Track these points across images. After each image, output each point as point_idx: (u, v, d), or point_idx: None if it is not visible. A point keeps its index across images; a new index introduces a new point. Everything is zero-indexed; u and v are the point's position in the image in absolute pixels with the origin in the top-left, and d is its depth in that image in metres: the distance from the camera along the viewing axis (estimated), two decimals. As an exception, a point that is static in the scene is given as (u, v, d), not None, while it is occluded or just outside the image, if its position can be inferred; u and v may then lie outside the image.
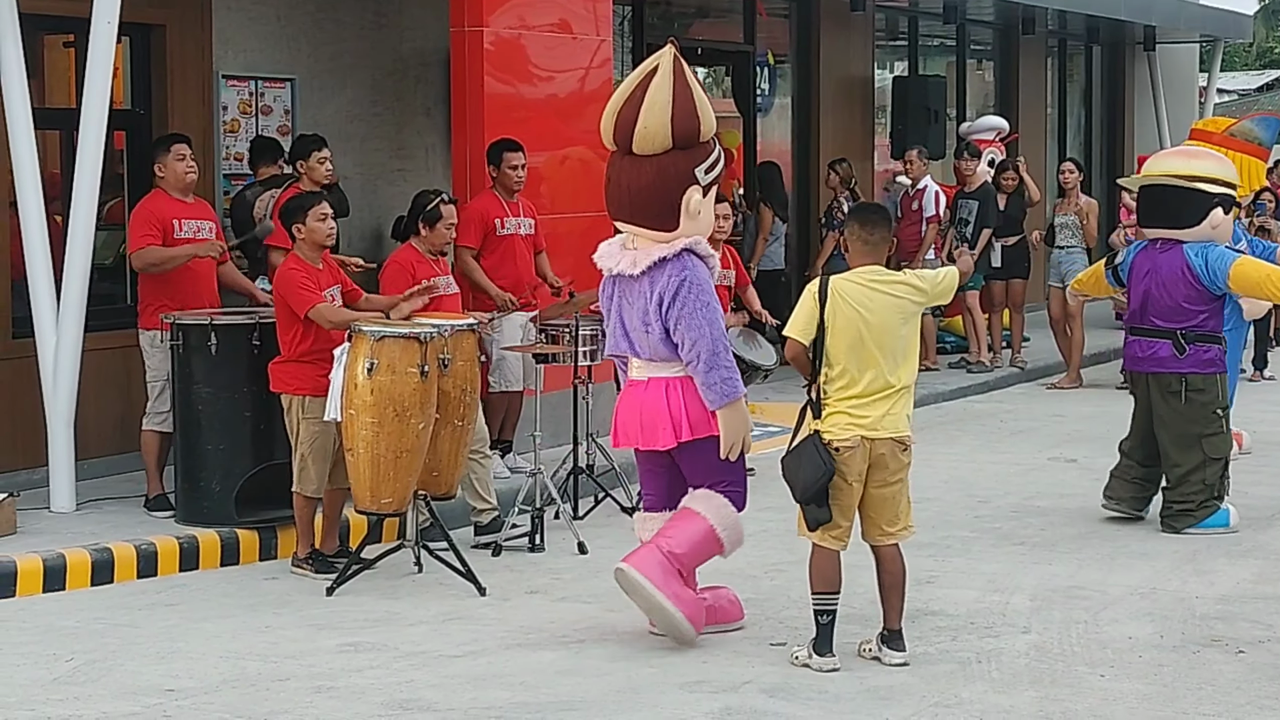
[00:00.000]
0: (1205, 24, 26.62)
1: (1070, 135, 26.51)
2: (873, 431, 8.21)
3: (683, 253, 8.69)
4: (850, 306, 8.23)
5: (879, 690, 7.93)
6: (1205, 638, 8.79)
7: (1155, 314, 11.38)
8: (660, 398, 8.74)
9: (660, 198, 8.74)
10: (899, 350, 8.25)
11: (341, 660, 8.42)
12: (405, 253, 10.96)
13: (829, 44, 19.93)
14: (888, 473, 8.27)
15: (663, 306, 8.62)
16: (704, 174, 8.80)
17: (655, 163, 8.76)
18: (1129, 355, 11.64)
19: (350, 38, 13.71)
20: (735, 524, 8.87)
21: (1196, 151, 12.09)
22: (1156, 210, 11.59)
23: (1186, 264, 11.27)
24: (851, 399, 8.24)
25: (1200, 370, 11.27)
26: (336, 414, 9.62)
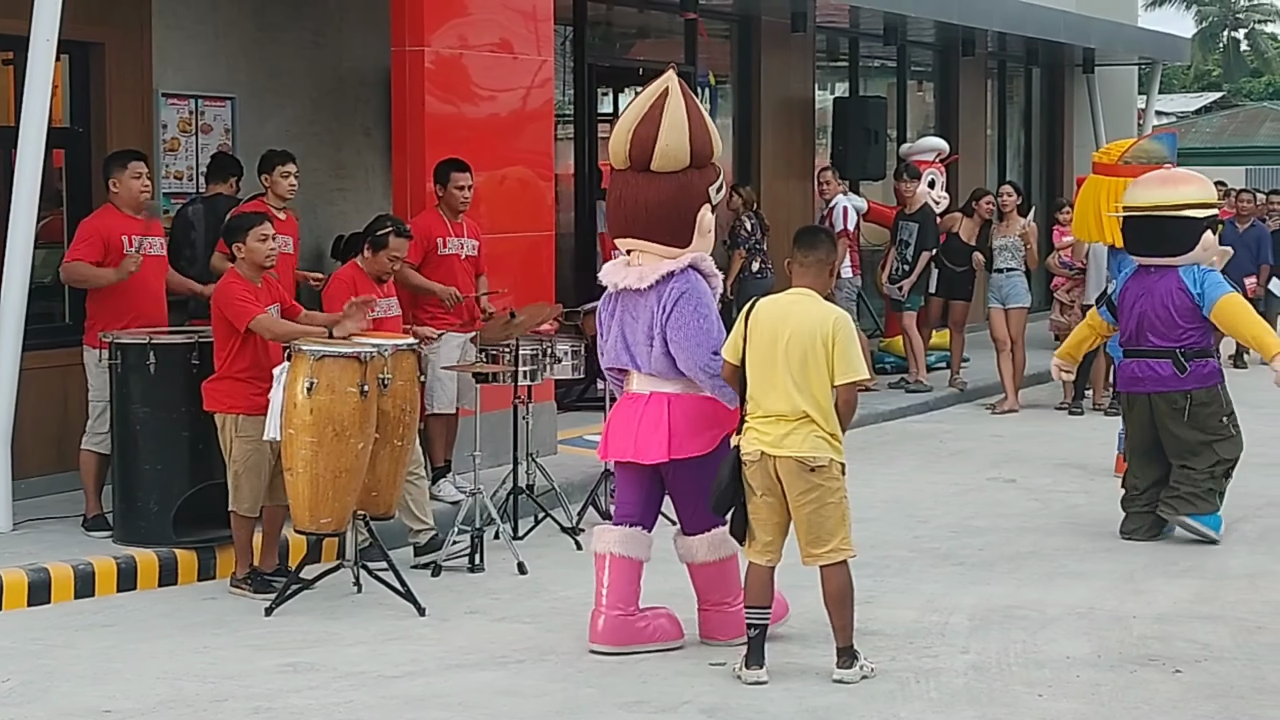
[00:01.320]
0: (1143, 47, 26.79)
1: (1010, 156, 26.63)
2: (774, 449, 8.30)
3: (688, 269, 8.86)
4: (766, 326, 8.37)
5: (817, 710, 7.95)
6: (1142, 657, 8.83)
7: (1153, 334, 11.58)
8: (661, 413, 8.86)
9: (678, 214, 8.92)
10: (807, 376, 8.27)
11: (280, 681, 8.39)
12: (349, 271, 10.95)
13: (770, 65, 19.98)
14: (795, 493, 8.32)
15: (662, 320, 8.77)
16: (715, 192, 9.04)
17: (675, 180, 8.93)
18: (1127, 376, 11.78)
19: (290, 56, 13.68)
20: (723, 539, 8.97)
21: (1175, 176, 12.20)
22: (1148, 240, 11.81)
23: (1181, 284, 11.52)
24: (759, 416, 8.37)
25: (1202, 385, 11.53)
26: (275, 433, 9.59)
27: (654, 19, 19.12)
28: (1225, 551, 11.33)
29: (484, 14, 13.19)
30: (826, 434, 8.30)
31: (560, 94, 16.70)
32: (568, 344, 11.99)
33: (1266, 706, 8.02)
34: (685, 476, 8.94)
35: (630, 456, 8.99)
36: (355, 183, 14.17)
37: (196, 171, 12.88)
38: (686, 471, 8.92)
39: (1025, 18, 22.38)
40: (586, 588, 10.23)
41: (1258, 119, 50.97)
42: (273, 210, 11.58)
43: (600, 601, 8.98)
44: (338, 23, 14.07)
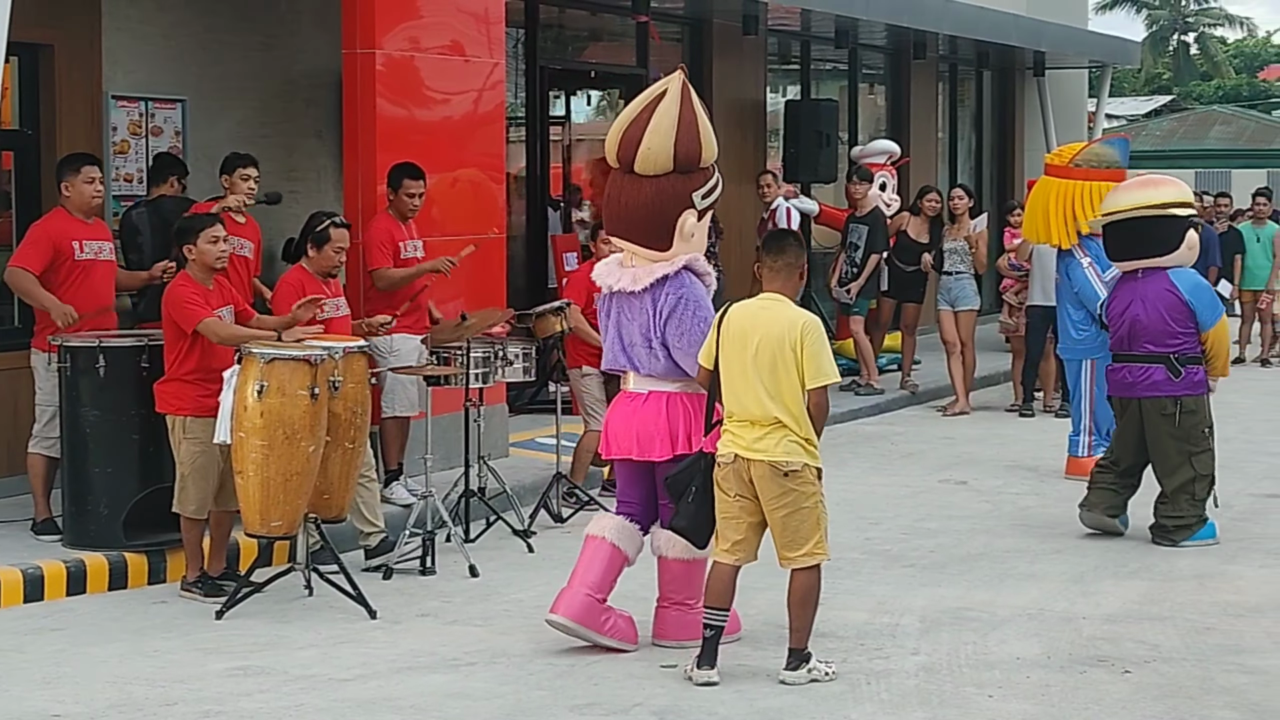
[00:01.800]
0: (1094, 50, 26.89)
1: (961, 159, 26.70)
2: (748, 452, 8.35)
3: (682, 270, 8.93)
4: (737, 331, 8.41)
5: (768, 711, 7.96)
6: (1092, 658, 8.87)
7: (1147, 340, 11.67)
8: (660, 411, 8.96)
9: (656, 218, 8.97)
10: (777, 381, 8.31)
11: (230, 684, 8.37)
12: (295, 274, 10.92)
13: (721, 67, 20.00)
14: (768, 497, 8.36)
15: (662, 322, 8.84)
16: (700, 199, 9.04)
17: (655, 184, 8.99)
18: (1118, 382, 11.87)
19: (240, 59, 13.64)
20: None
21: (1153, 180, 12.32)
22: (1134, 243, 11.91)
23: (1174, 288, 11.64)
24: (734, 420, 8.42)
25: (1192, 392, 11.63)
26: (226, 436, 9.57)
27: (606, 22, 19.13)
28: (1174, 553, 11.38)
29: (435, 16, 13.18)
30: (800, 439, 8.34)
31: (512, 96, 16.69)
32: (519, 347, 11.98)
33: (1214, 707, 8.06)
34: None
35: (634, 455, 9.09)
36: (307, 185, 14.13)
37: (146, 174, 12.82)
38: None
39: (976, 21, 22.45)
40: (539, 590, 10.26)
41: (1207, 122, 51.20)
42: (232, 213, 11.57)
43: (574, 579, 9.04)
44: (289, 25, 14.04)
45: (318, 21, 13.95)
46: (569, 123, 18.91)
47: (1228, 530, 11.83)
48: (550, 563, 11.09)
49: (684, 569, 9.05)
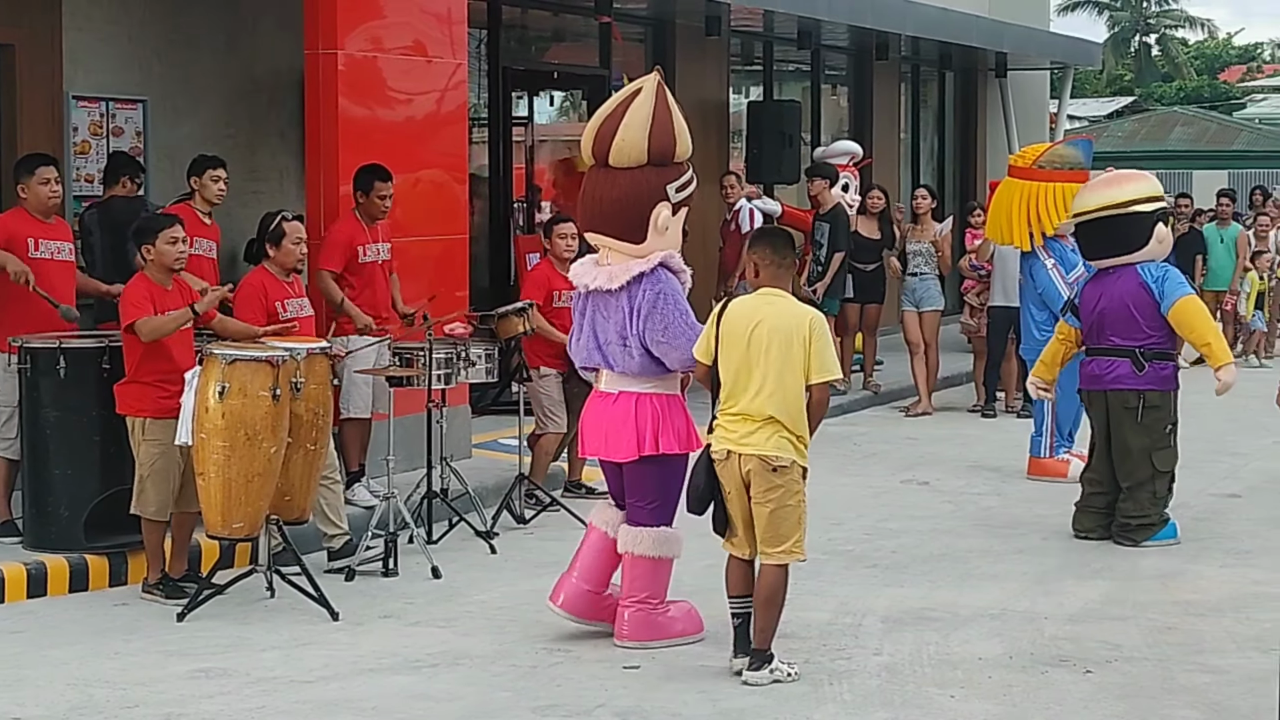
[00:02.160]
0: (1056, 51, 26.96)
1: (923, 160, 26.75)
2: (739, 446, 8.40)
3: (658, 268, 8.98)
4: (740, 327, 8.46)
5: (731, 712, 7.96)
6: (1054, 658, 8.89)
7: (1113, 333, 11.74)
8: (628, 412, 8.99)
9: (631, 210, 9.04)
10: (782, 376, 8.36)
11: (191, 687, 8.34)
12: (257, 275, 10.89)
13: (684, 68, 19.98)
14: (757, 491, 8.41)
15: (640, 320, 8.88)
16: (675, 192, 9.12)
17: (629, 176, 9.06)
18: (1087, 375, 11.93)
19: (203, 59, 13.61)
20: (667, 539, 9.11)
21: (1120, 177, 12.36)
22: (1103, 242, 11.99)
23: (1141, 281, 11.68)
24: (727, 415, 8.48)
25: (1158, 387, 11.69)
26: (187, 438, 9.54)
27: (569, 22, 19.12)
28: (1136, 553, 11.42)
29: (398, 17, 13.16)
30: (792, 436, 8.40)
31: (475, 97, 16.67)
32: (482, 348, 11.97)
33: (1176, 706, 8.08)
34: (648, 473, 9.07)
35: (602, 454, 9.19)
36: (269, 186, 14.10)
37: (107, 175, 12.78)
38: (651, 468, 9.05)
39: (938, 22, 22.48)
40: (501, 591, 10.27)
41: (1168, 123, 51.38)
42: (199, 214, 11.53)
43: (573, 568, 9.22)
44: (251, 26, 14.00)
45: (280, 22, 13.92)
46: (531, 123, 18.88)
47: (1189, 530, 11.87)
48: (513, 564, 11.09)
49: (651, 567, 9.07)
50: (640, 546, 9.05)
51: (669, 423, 8.98)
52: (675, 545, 9.15)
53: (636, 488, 9.12)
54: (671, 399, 9.01)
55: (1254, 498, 13.25)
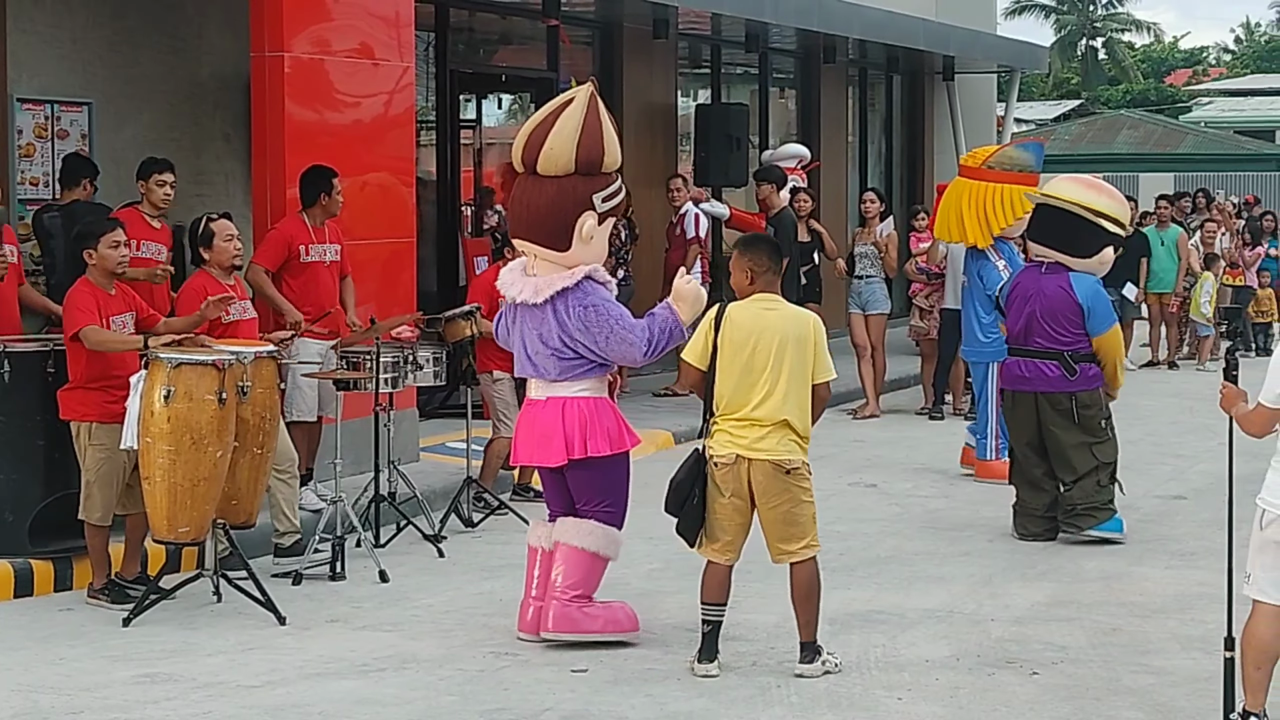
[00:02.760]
0: (1003, 55, 27.05)
1: (871, 163, 26.81)
2: (749, 451, 8.49)
3: (583, 281, 8.99)
4: (743, 333, 8.54)
5: (678, 715, 7.96)
6: (1000, 659, 8.91)
7: (1041, 335, 11.78)
8: (556, 416, 9.02)
9: (556, 218, 9.07)
10: (792, 380, 8.50)
11: (137, 692, 8.31)
12: (198, 278, 10.84)
13: (632, 71, 20.02)
14: (768, 495, 8.50)
15: (571, 334, 8.92)
16: (601, 201, 9.13)
17: (556, 184, 9.10)
18: (1012, 375, 11.98)
19: (147, 62, 13.56)
20: (611, 540, 9.15)
21: (1103, 186, 12.37)
22: (1054, 231, 12.03)
23: (1070, 290, 11.74)
24: (732, 419, 8.54)
25: (1087, 387, 11.74)
26: (133, 442, 9.50)
27: (516, 25, 19.12)
28: (1081, 555, 11.46)
29: (345, 19, 13.14)
30: (799, 437, 8.55)
31: (423, 100, 16.66)
32: (429, 351, 11.96)
33: (1121, 707, 8.12)
34: (584, 477, 9.12)
35: (534, 461, 9.24)
36: (215, 189, 14.06)
37: (53, 177, 12.74)
38: (586, 472, 9.10)
39: (885, 25, 22.54)
40: (449, 595, 10.26)
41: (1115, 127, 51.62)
42: (146, 218, 11.49)
43: (529, 592, 9.25)
44: (197, 28, 13.96)
45: (226, 24, 13.88)
46: (480, 126, 18.88)
47: (1134, 531, 11.92)
48: (460, 567, 11.08)
49: (588, 562, 9.08)
50: (581, 539, 9.07)
51: (598, 425, 9.01)
52: (615, 547, 9.18)
53: (581, 493, 9.15)
54: (600, 402, 9.05)
55: (1199, 500, 13.31)
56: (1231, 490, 7.76)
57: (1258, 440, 7.51)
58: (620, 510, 9.20)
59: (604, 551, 9.13)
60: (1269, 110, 60.73)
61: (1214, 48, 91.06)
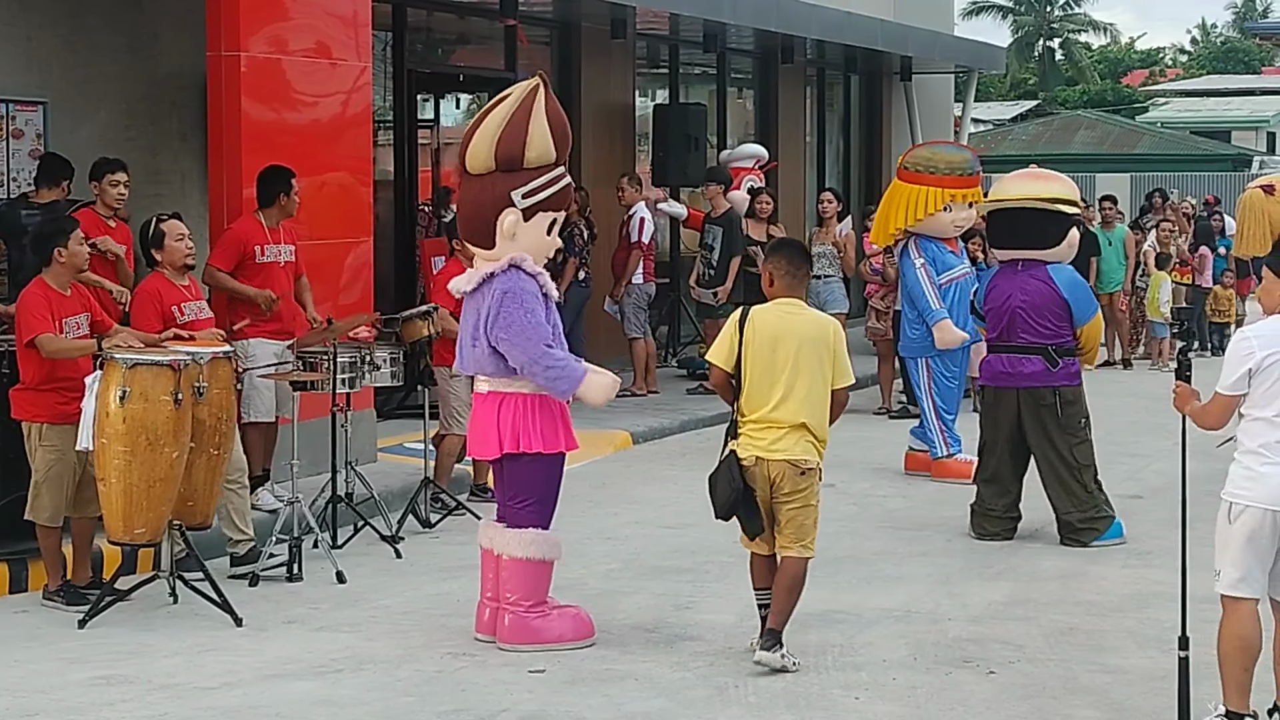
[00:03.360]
0: (960, 55, 27.12)
1: (829, 163, 26.85)
2: (767, 453, 8.64)
3: (510, 268, 8.99)
4: (768, 336, 8.67)
5: (635, 716, 7.96)
6: (957, 659, 8.93)
7: (1024, 330, 11.84)
8: (492, 411, 9.05)
9: (477, 216, 9.13)
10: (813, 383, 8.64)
11: (93, 694, 8.27)
12: (153, 281, 10.81)
13: (590, 71, 20.01)
14: (784, 493, 8.68)
15: (487, 321, 8.90)
16: (522, 198, 9.05)
17: (479, 182, 9.15)
18: (993, 372, 12.01)
19: (104, 61, 13.49)
20: (545, 542, 9.12)
21: (1045, 174, 12.52)
22: (1018, 232, 12.10)
23: (1052, 283, 11.83)
24: (752, 422, 8.69)
25: (1070, 383, 11.79)
26: (88, 443, 9.46)
27: (474, 25, 19.10)
28: (1038, 554, 11.50)
29: (302, 19, 13.10)
30: (816, 440, 8.72)
31: (380, 100, 16.62)
32: (386, 351, 11.93)
33: (1078, 706, 8.14)
34: (515, 472, 9.10)
35: (473, 453, 9.39)
36: (172, 189, 13.99)
37: (6, 177, 12.66)
38: (518, 468, 9.08)
39: (843, 26, 22.58)
40: (406, 596, 10.24)
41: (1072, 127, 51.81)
42: (102, 219, 11.43)
43: (484, 593, 9.26)
44: (153, 27, 13.89)
45: (183, 24, 13.81)
46: (437, 126, 18.86)
47: (1091, 531, 11.96)
48: (418, 568, 11.06)
49: (525, 569, 9.07)
50: (509, 548, 9.07)
51: (532, 422, 9.01)
52: (549, 548, 9.14)
53: (507, 487, 9.18)
54: (540, 399, 9.02)
55: (1155, 499, 13.35)
56: (1185, 490, 7.80)
57: (1213, 439, 7.55)
58: (545, 509, 9.18)
59: (542, 556, 9.10)
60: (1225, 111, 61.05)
61: (1170, 49, 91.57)
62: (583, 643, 9.07)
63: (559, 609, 9.17)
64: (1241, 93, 65.19)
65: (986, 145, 49.98)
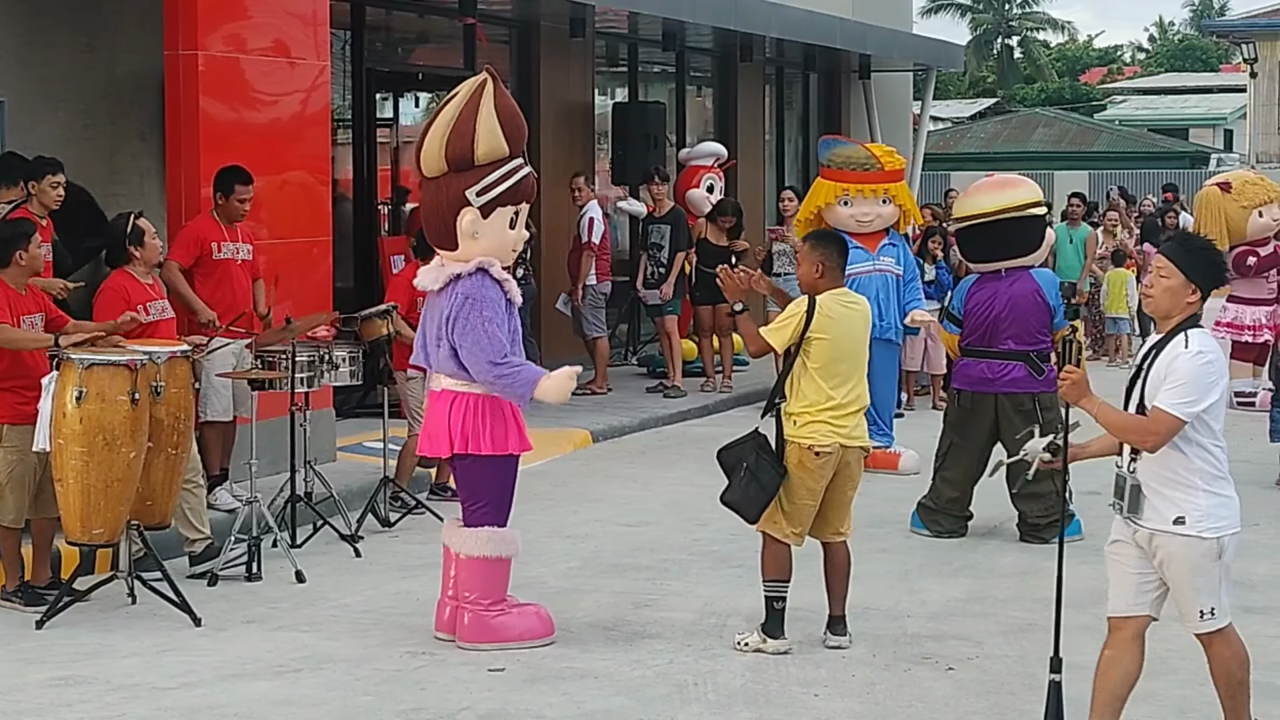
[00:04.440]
0: (919, 53, 27.16)
1: (788, 161, 26.87)
2: (848, 440, 8.91)
3: (477, 271, 8.98)
4: (846, 325, 8.96)
5: (595, 714, 7.97)
6: (916, 655, 8.97)
7: (1009, 337, 11.87)
8: (444, 410, 9.06)
9: (435, 218, 9.15)
10: (860, 369, 9.00)
11: (51, 695, 8.25)
12: (118, 278, 10.78)
13: (549, 70, 20.01)
14: (850, 480, 9.00)
15: (450, 322, 8.88)
16: (476, 196, 9.02)
17: (434, 185, 9.15)
18: (973, 377, 12.02)
19: (61, 60, 13.44)
20: (501, 539, 9.12)
21: (1008, 180, 12.55)
22: (999, 244, 12.09)
23: (1038, 288, 11.91)
24: (829, 409, 8.88)
25: (1049, 389, 11.78)
26: (45, 443, 9.42)
27: (433, 24, 19.07)
28: (997, 550, 11.55)
29: (260, 18, 13.08)
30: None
31: (339, 99, 16.59)
32: (346, 350, 11.91)
33: (1035, 702, 8.14)
34: (467, 473, 9.12)
35: (423, 450, 9.35)
36: (130, 188, 13.94)
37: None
38: (469, 469, 9.10)
39: (802, 24, 22.59)
40: (366, 595, 10.23)
41: (1030, 125, 51.95)
42: (36, 218, 11.39)
43: (445, 591, 9.25)
44: (112, 26, 13.84)
45: (141, 22, 13.77)
46: (397, 125, 18.83)
47: (1049, 528, 12.00)
48: (378, 567, 11.05)
49: (481, 567, 9.08)
50: (466, 547, 9.08)
51: (483, 423, 9.00)
52: (505, 545, 9.14)
53: (464, 489, 9.22)
54: (491, 400, 9.01)
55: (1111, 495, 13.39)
56: (1066, 497, 7.72)
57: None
58: (503, 510, 9.19)
59: (498, 553, 9.11)
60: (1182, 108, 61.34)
61: (1128, 46, 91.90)
62: (542, 641, 9.08)
63: (518, 607, 9.18)
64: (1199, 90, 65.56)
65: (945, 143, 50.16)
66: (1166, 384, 6.87)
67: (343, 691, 8.32)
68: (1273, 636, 9.36)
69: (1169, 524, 6.94)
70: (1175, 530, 6.92)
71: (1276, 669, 8.73)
